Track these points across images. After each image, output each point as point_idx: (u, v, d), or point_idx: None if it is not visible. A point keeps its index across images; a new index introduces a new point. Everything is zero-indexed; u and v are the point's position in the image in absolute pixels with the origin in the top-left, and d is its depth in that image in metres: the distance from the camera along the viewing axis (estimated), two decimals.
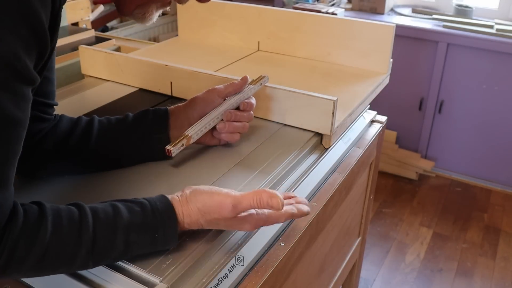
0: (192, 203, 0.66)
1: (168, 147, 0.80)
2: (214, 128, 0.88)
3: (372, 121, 1.24)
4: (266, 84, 0.98)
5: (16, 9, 0.52)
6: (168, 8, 0.78)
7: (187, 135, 0.83)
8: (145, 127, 0.85)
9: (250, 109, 0.91)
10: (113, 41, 1.58)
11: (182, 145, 0.82)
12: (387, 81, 1.28)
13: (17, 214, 0.56)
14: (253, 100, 0.92)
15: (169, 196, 0.67)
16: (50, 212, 0.58)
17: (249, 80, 0.93)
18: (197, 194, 0.67)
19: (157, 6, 0.75)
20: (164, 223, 0.64)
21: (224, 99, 0.90)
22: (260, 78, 0.96)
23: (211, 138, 0.90)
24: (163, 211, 0.64)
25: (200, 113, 0.87)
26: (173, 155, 0.80)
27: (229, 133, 0.89)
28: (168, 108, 0.88)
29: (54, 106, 0.85)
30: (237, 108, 0.90)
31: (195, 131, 0.84)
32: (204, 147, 0.91)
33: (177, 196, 0.67)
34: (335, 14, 2.22)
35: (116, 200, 0.65)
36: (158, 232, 0.63)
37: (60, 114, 0.85)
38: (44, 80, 0.79)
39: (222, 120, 0.88)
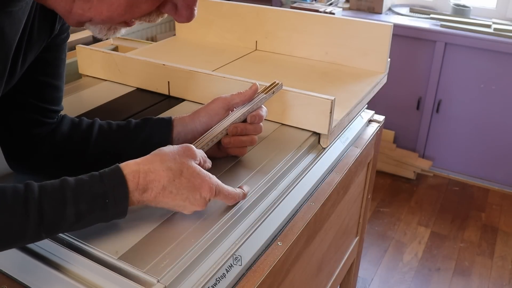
0: (154, 153, 0.68)
1: None
2: (220, 142, 0.84)
3: (370, 121, 1.24)
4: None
5: None
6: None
7: None
8: (145, 137, 0.82)
9: (258, 121, 0.85)
10: (111, 40, 1.57)
11: None
12: (384, 80, 1.28)
13: None
14: (263, 111, 0.86)
15: (126, 162, 0.67)
16: None
17: (260, 87, 0.87)
18: (159, 149, 0.69)
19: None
20: (112, 187, 0.63)
21: (231, 110, 0.85)
22: (273, 85, 0.89)
23: (217, 151, 0.86)
24: (110, 175, 0.64)
25: (204, 126, 0.84)
26: None
27: (235, 148, 0.86)
28: (172, 118, 0.85)
29: (59, 111, 0.83)
30: (245, 120, 0.84)
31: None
32: None
33: (137, 159, 0.68)
34: (333, 14, 2.22)
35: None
36: (108, 198, 0.63)
37: (62, 114, 0.84)
38: (49, 88, 0.79)
39: (227, 134, 0.83)
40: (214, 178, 0.70)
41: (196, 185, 0.67)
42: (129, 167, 0.66)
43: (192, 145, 0.71)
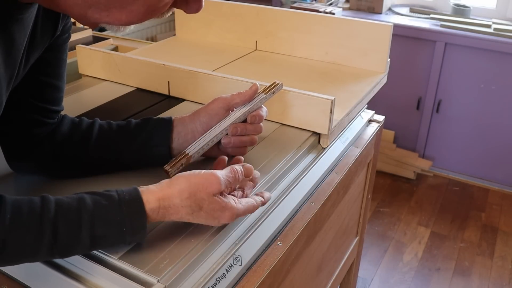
0: (174, 185, 0.66)
1: (166, 167, 0.76)
2: (220, 142, 0.84)
3: (370, 121, 1.24)
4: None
5: None
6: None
7: (187, 154, 0.78)
8: (146, 137, 0.82)
9: (258, 121, 0.85)
10: (111, 40, 1.58)
11: (182, 165, 0.77)
12: (384, 80, 1.28)
13: None
14: (263, 111, 0.86)
15: (144, 187, 0.66)
16: (9, 207, 0.58)
17: (260, 88, 0.87)
18: (180, 176, 0.68)
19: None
20: (130, 217, 0.63)
21: (231, 110, 0.85)
22: (273, 85, 0.89)
23: (217, 151, 0.85)
24: (131, 205, 0.63)
25: (204, 126, 0.83)
26: (171, 176, 0.73)
27: (235, 148, 0.85)
28: (172, 119, 0.84)
29: (60, 111, 0.83)
30: (246, 120, 0.84)
31: (196, 150, 0.79)
32: None
33: (155, 185, 0.67)
34: (333, 14, 2.22)
35: (87, 192, 0.64)
36: (126, 226, 0.63)
37: (62, 114, 0.84)
38: (50, 88, 0.79)
39: (227, 134, 0.83)
40: (234, 206, 0.69)
41: (215, 217, 0.68)
42: (149, 203, 0.64)
43: (217, 175, 0.68)
